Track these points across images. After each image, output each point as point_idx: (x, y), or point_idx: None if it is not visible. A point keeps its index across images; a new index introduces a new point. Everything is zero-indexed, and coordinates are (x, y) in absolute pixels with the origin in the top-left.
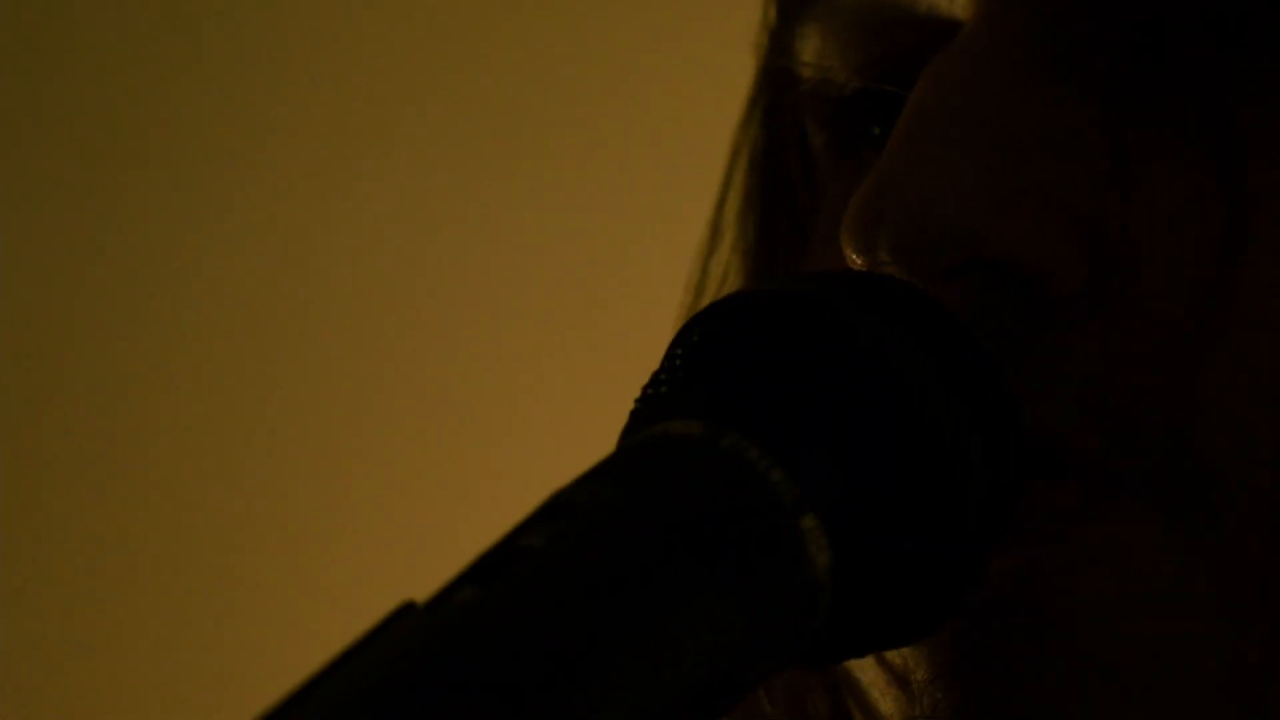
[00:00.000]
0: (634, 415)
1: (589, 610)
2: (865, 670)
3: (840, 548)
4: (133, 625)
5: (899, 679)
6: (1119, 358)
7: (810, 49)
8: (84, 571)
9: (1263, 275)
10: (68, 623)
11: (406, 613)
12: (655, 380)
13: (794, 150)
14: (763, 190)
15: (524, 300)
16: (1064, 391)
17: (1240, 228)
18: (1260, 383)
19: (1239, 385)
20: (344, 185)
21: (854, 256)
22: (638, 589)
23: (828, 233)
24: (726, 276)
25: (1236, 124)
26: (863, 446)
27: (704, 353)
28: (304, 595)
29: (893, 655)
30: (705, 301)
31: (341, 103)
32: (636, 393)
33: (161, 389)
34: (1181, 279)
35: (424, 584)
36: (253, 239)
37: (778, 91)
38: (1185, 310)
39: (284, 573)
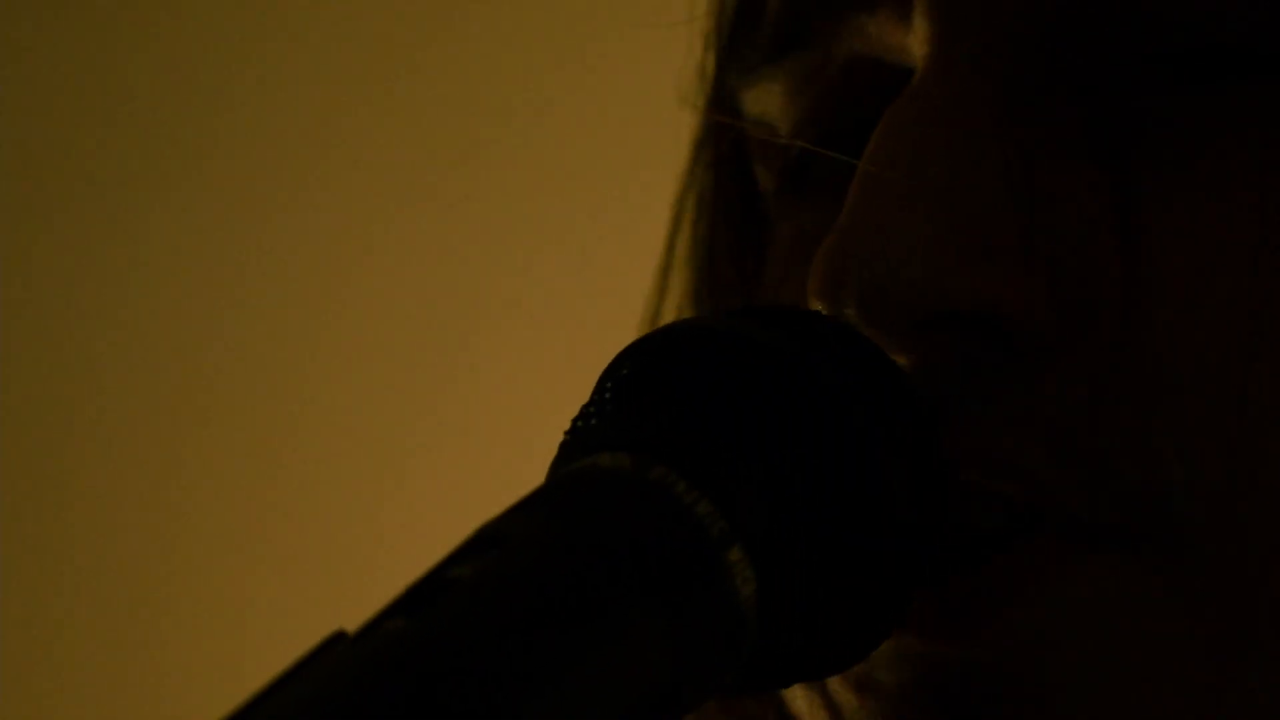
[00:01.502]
0: (564, 447)
1: (516, 640)
2: (797, 700)
3: (765, 579)
4: (63, 650)
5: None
6: (1085, 401)
7: (754, 99)
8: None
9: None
10: None
11: (336, 642)
12: (585, 413)
13: (741, 193)
14: (711, 233)
15: (454, 326)
16: (1035, 436)
17: (1140, 262)
18: (1198, 422)
19: (1181, 426)
20: (290, 191)
21: (822, 309)
22: (565, 620)
23: (778, 275)
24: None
25: (1136, 158)
26: (789, 480)
27: (633, 386)
28: (234, 623)
29: (839, 692)
30: None
31: (293, 101)
32: (566, 423)
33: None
34: (1120, 321)
35: (356, 614)
36: (200, 240)
37: (723, 138)
38: (1140, 353)
39: (216, 599)
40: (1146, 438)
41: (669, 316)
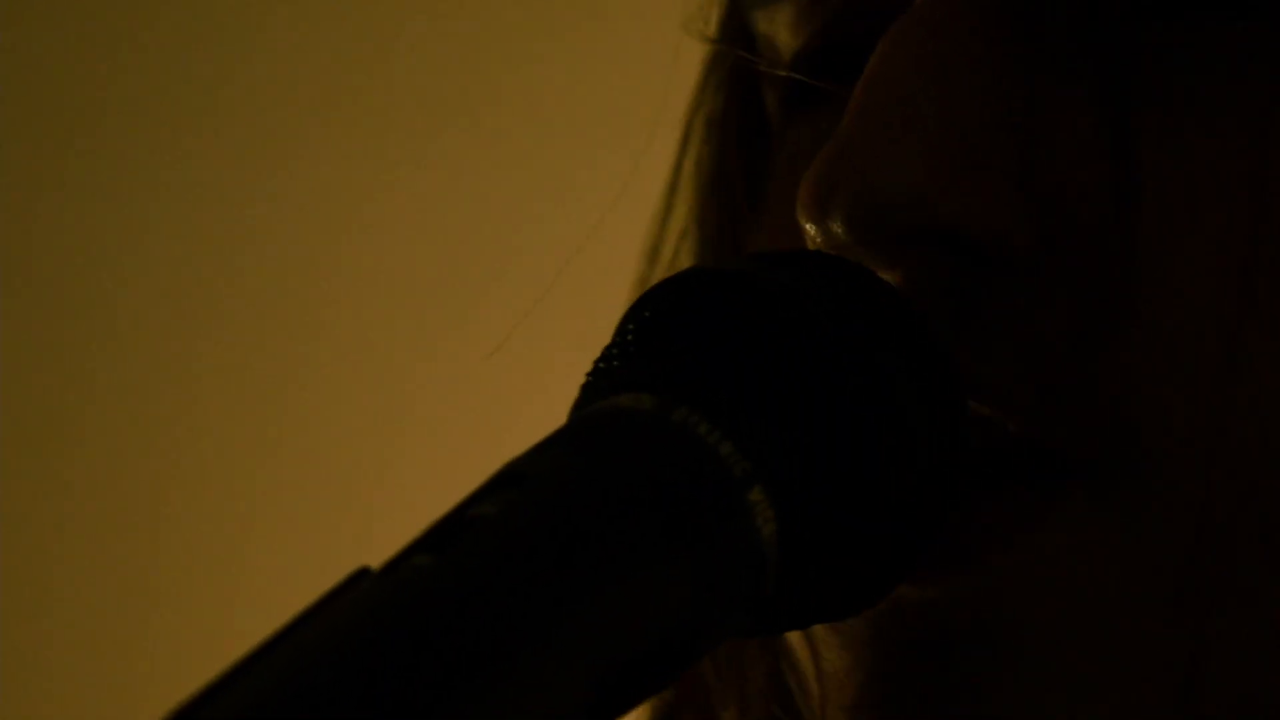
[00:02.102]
0: (585, 389)
1: (541, 576)
2: (799, 649)
3: (785, 519)
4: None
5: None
6: (1063, 326)
7: (764, 19)
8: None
9: (1159, 242)
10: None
11: (361, 578)
12: (607, 355)
13: (748, 117)
14: (719, 154)
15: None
16: (1007, 351)
17: (1134, 196)
18: (1172, 356)
19: (1155, 357)
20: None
21: (808, 225)
22: (589, 556)
23: (781, 193)
24: (682, 243)
25: (1134, 90)
26: (811, 421)
27: (655, 328)
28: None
29: (828, 654)
30: (660, 268)
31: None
32: (586, 370)
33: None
34: (1106, 249)
35: (376, 554)
36: (174, 219)
37: (732, 63)
38: (1109, 280)
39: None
40: (1122, 368)
41: (673, 238)
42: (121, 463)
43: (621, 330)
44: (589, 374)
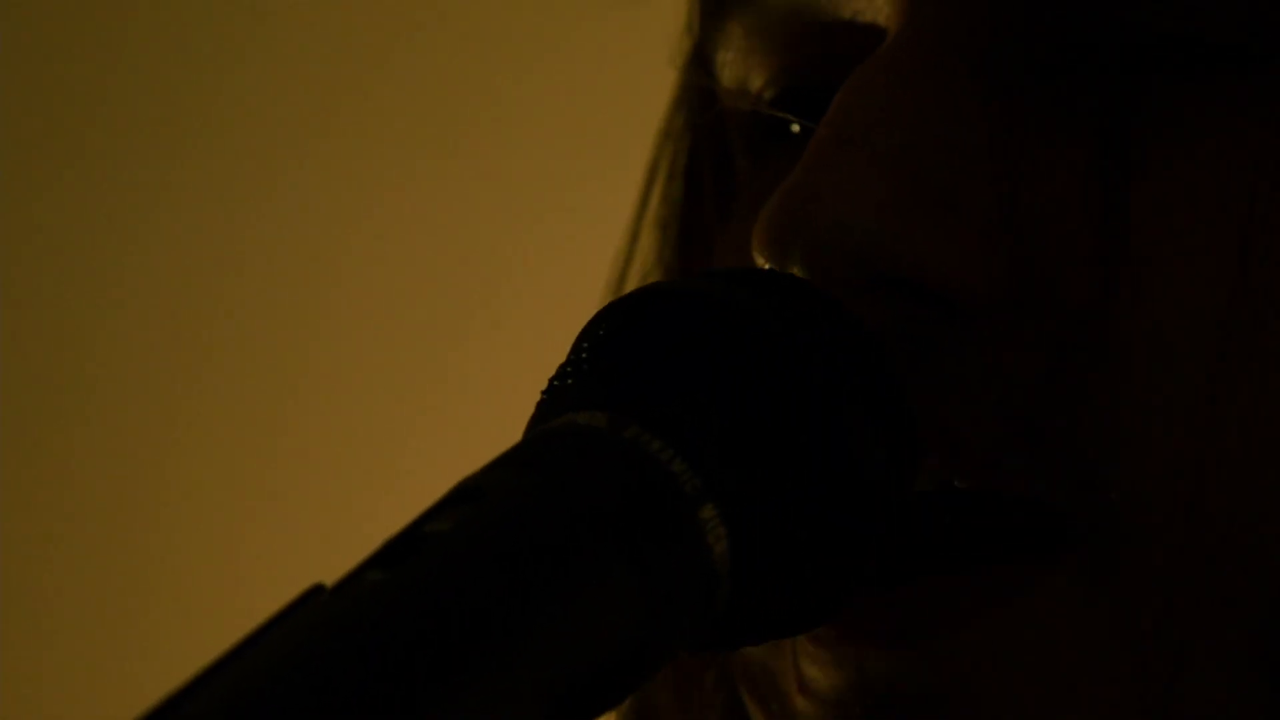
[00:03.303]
0: (540, 406)
1: (493, 592)
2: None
3: (736, 537)
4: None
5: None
6: (1030, 378)
7: (733, 52)
8: None
9: (1141, 298)
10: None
11: (315, 594)
12: (561, 373)
13: (713, 159)
14: (683, 198)
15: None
16: (964, 398)
17: (1119, 248)
18: (1146, 403)
19: (1130, 416)
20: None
21: (765, 266)
22: (541, 572)
23: (743, 233)
24: (645, 280)
25: (1130, 142)
26: (762, 439)
27: (609, 347)
28: (218, 578)
29: (783, 686)
30: None
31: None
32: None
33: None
34: (1074, 297)
35: (334, 569)
36: (174, 218)
37: (699, 102)
38: (1083, 334)
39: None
40: (1092, 422)
41: (635, 277)
42: (121, 462)
43: (576, 348)
44: (544, 391)
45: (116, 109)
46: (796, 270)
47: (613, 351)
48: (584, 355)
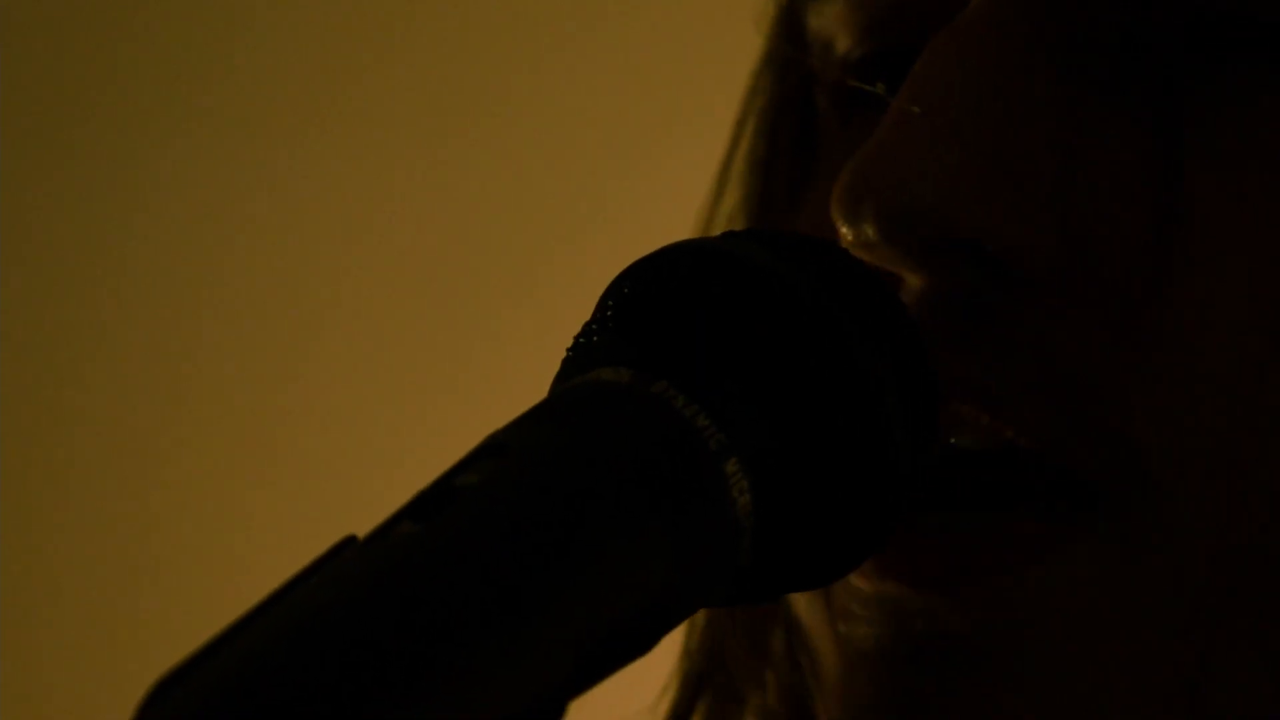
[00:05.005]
0: (566, 363)
1: (523, 544)
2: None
3: (760, 491)
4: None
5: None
6: (1076, 341)
7: (820, 16)
8: None
9: (1196, 275)
10: None
11: (346, 546)
12: (587, 330)
13: (799, 114)
14: (768, 152)
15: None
16: (1017, 365)
17: (1176, 224)
18: (1194, 380)
19: (1179, 389)
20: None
21: (841, 226)
22: (569, 524)
23: (823, 191)
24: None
25: (1188, 124)
26: (785, 394)
27: (634, 304)
28: (218, 578)
29: (827, 657)
30: None
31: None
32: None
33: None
34: (1129, 271)
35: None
36: (174, 217)
37: (786, 61)
38: (1138, 307)
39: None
40: (1137, 393)
41: (720, 225)
42: (121, 462)
43: (601, 305)
44: (570, 349)
45: (116, 108)
46: (869, 227)
47: (638, 308)
48: (609, 313)
